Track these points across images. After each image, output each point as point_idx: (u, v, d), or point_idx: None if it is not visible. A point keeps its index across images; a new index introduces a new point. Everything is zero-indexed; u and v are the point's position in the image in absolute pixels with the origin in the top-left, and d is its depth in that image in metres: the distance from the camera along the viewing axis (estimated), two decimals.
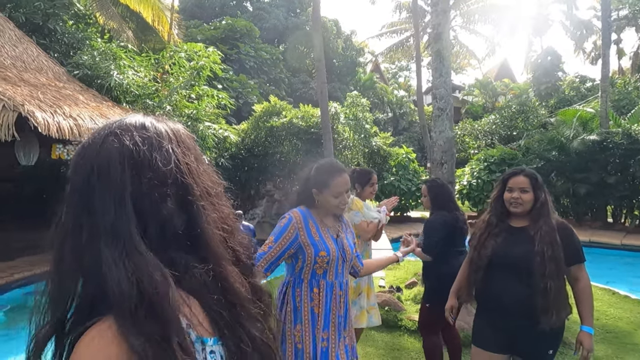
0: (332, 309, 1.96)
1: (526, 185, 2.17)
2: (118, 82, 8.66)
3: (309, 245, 1.93)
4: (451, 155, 4.83)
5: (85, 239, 0.62)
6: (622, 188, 10.29)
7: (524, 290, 2.07)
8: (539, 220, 2.12)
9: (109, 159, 0.64)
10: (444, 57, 4.69)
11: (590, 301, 2.18)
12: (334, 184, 1.94)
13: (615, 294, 5.40)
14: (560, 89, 23.43)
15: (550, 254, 2.03)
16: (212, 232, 0.71)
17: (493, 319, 2.24)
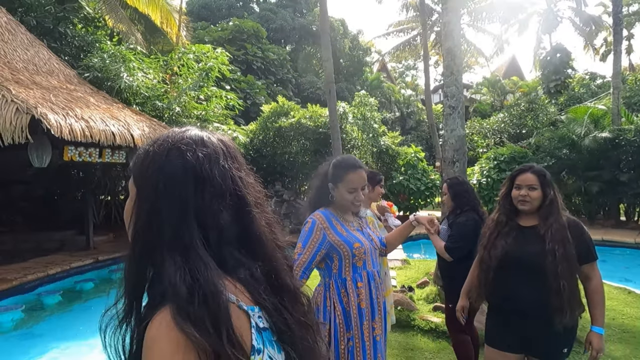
0: (377, 297, 2.01)
1: (534, 182, 2.14)
2: (128, 84, 8.73)
3: (341, 243, 1.95)
4: (463, 154, 4.80)
5: (152, 239, 0.71)
6: (635, 186, 10.14)
7: (536, 290, 2.04)
8: (548, 219, 2.09)
9: (174, 173, 0.74)
10: (455, 55, 4.66)
11: (602, 301, 2.14)
12: (349, 179, 1.95)
13: (631, 292, 5.32)
14: (570, 86, 23.17)
15: (562, 252, 2.00)
16: (265, 236, 0.81)
17: (505, 319, 2.23)
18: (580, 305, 2.09)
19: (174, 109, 9.23)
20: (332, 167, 2.01)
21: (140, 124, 7.50)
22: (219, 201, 0.75)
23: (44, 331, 5.31)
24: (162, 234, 0.71)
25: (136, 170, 0.79)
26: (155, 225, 0.72)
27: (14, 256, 7.18)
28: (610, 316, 4.56)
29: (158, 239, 0.71)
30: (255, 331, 0.72)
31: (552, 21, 25.38)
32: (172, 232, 0.71)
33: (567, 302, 1.99)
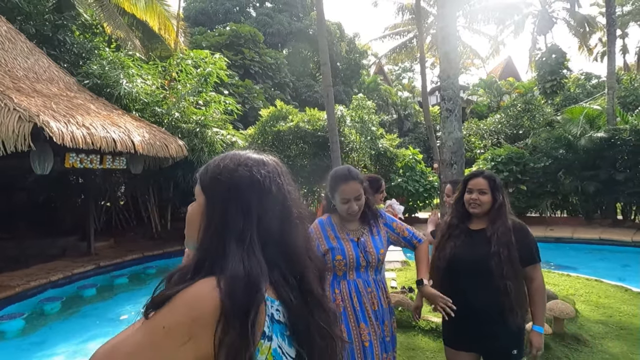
0: (364, 303, 2.07)
1: (485, 186, 2.21)
2: (127, 91, 8.78)
3: (327, 251, 2.09)
4: (460, 156, 4.87)
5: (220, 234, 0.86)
6: (631, 185, 10.23)
7: (482, 291, 2.10)
8: (496, 222, 2.16)
9: (241, 183, 0.90)
10: (451, 59, 4.74)
11: (543, 301, 2.21)
12: (340, 190, 2.05)
13: (627, 290, 5.39)
14: (566, 86, 23.32)
15: (507, 255, 2.07)
16: (302, 245, 0.94)
17: (457, 319, 2.30)
18: (527, 307, 2.15)
19: (173, 114, 9.29)
20: (329, 177, 2.13)
21: (141, 130, 7.56)
22: (274, 210, 0.90)
23: (46, 338, 5.34)
24: (230, 231, 0.85)
25: (206, 179, 0.94)
26: (225, 223, 0.87)
27: (17, 263, 7.21)
28: (607, 314, 4.64)
29: (225, 234, 0.85)
30: (269, 320, 0.82)
31: (547, 22, 25.59)
32: (238, 231, 0.85)
33: (516, 302, 2.05)
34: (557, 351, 3.65)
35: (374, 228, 2.20)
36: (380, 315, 2.10)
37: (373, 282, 2.13)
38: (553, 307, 3.91)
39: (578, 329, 4.15)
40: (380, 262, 2.17)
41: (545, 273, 6.38)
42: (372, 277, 2.13)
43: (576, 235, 10.22)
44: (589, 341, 3.88)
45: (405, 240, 2.28)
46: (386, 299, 2.17)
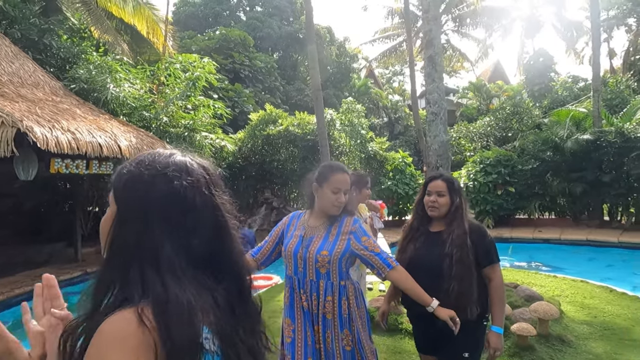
0: (295, 301, 2.10)
1: (443, 189, 2.25)
2: (114, 95, 8.72)
3: (283, 240, 2.20)
4: (446, 159, 4.90)
5: (131, 253, 0.76)
6: (617, 186, 10.37)
7: (438, 294, 2.07)
8: (452, 224, 2.19)
9: (160, 199, 0.79)
10: (436, 63, 4.78)
11: (502, 302, 2.21)
12: (334, 179, 2.05)
13: (612, 291, 5.45)
14: (553, 89, 23.61)
15: (459, 256, 2.09)
16: (238, 259, 0.87)
17: (415, 321, 2.34)
18: (470, 308, 2.09)
19: (162, 119, 9.24)
20: (319, 168, 2.16)
21: (128, 135, 7.50)
22: (198, 226, 0.80)
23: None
24: (143, 250, 0.75)
25: (119, 188, 0.82)
26: (137, 242, 0.76)
27: (2, 270, 7.10)
28: (592, 314, 4.69)
29: (137, 254, 0.75)
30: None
31: (535, 26, 25.95)
32: (153, 251, 0.75)
33: (454, 302, 2.03)
34: (541, 352, 3.67)
35: (334, 229, 2.12)
36: (313, 319, 2.05)
37: (309, 284, 2.07)
38: (537, 308, 3.94)
39: (563, 329, 4.18)
40: (321, 264, 2.05)
41: (532, 274, 6.46)
42: (310, 279, 2.07)
43: (564, 236, 10.33)
44: (573, 342, 3.91)
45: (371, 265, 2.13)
46: (331, 306, 2.05)
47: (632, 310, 4.69)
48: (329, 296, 2.06)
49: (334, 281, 2.07)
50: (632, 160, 9.81)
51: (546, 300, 4.52)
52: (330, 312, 2.06)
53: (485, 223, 11.67)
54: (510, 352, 3.66)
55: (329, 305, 2.06)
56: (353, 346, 2.08)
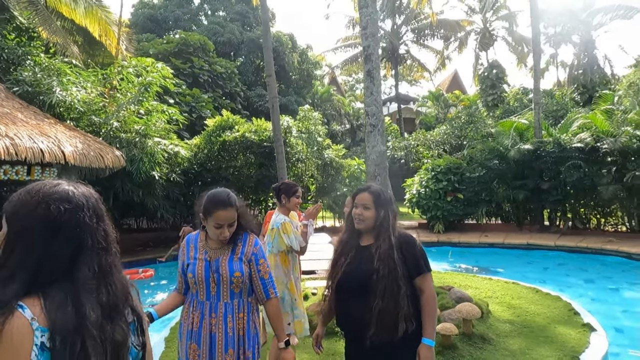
0: (203, 327, 2.08)
1: (368, 201, 2.18)
2: (61, 99, 8.49)
3: (186, 267, 2.17)
4: (384, 168, 5.13)
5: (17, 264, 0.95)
6: (555, 193, 11.07)
7: (362, 310, 2.03)
8: (379, 238, 2.14)
9: (34, 224, 0.96)
10: (374, 77, 5.01)
11: (432, 314, 2.12)
12: (216, 215, 2.04)
13: (538, 292, 5.85)
14: (505, 100, 24.83)
15: (386, 271, 2.03)
16: (116, 277, 1.05)
17: (347, 340, 2.25)
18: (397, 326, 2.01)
19: (112, 124, 9.07)
20: (205, 199, 2.11)
21: (74, 140, 7.33)
22: (69, 244, 0.98)
23: None
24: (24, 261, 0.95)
25: (9, 211, 1.00)
26: (20, 254, 0.95)
27: None
28: (516, 314, 5.03)
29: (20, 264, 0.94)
30: (38, 348, 0.90)
31: (488, 40, 27.18)
32: (30, 262, 0.95)
33: (377, 320, 1.98)
34: (462, 350, 3.93)
35: (238, 249, 2.15)
36: (218, 342, 2.08)
37: (223, 307, 2.09)
38: (461, 309, 4.21)
39: (487, 328, 4.47)
40: (236, 285, 2.09)
41: (470, 277, 6.81)
42: (224, 302, 2.10)
43: (507, 240, 10.91)
44: (494, 340, 4.20)
45: (252, 291, 2.19)
46: (241, 326, 2.10)
47: (551, 309, 5.08)
48: (241, 313, 2.12)
49: (244, 299, 2.15)
50: (568, 169, 10.51)
51: (476, 302, 4.82)
52: (242, 328, 2.11)
53: (436, 228, 12.15)
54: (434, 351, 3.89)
55: (241, 322, 2.11)
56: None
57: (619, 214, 11.27)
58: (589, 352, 3.87)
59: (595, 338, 4.16)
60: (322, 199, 12.83)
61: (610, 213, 11.38)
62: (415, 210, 12.91)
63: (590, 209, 11.49)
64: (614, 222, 11.46)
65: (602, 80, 23.08)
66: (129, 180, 9.20)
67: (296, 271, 3.53)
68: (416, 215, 13.71)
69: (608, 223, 11.47)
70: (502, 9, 26.88)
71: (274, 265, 3.47)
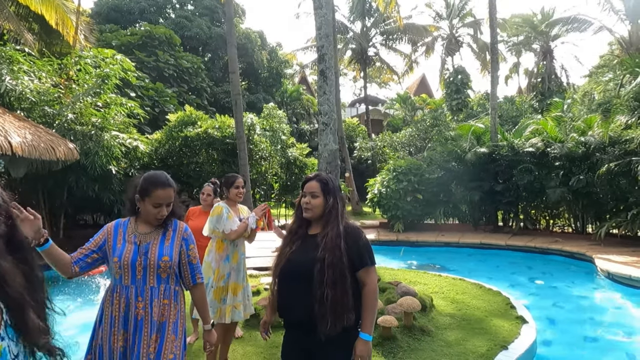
0: (129, 311, 2.07)
1: (316, 189, 2.16)
2: (10, 88, 8.17)
3: (110, 252, 2.13)
4: (335, 167, 5.25)
5: None
6: (508, 195, 11.57)
7: (305, 299, 2.01)
8: (326, 227, 2.12)
9: None
10: (327, 77, 5.12)
11: (373, 308, 2.09)
12: (155, 195, 2.07)
13: (482, 287, 6.13)
14: (469, 104, 25.64)
15: (331, 260, 2.00)
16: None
17: (287, 331, 2.23)
18: (348, 317, 2.01)
19: (66, 115, 8.80)
20: (142, 180, 2.13)
21: (23, 131, 7.09)
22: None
23: None
24: None
25: None
26: None
27: None
28: (458, 308, 5.27)
29: None
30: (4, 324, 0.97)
31: (454, 45, 27.98)
32: None
33: (331, 311, 1.96)
34: (402, 342, 4.10)
35: (168, 234, 2.18)
36: (145, 326, 2.07)
37: (149, 291, 2.09)
38: (402, 302, 4.39)
39: (428, 321, 4.67)
40: (163, 269, 2.10)
41: (421, 274, 7.05)
42: (150, 285, 2.09)
43: (462, 240, 11.30)
44: (433, 332, 4.40)
45: (180, 276, 2.21)
46: (164, 312, 2.10)
47: (490, 304, 5.35)
48: (165, 299, 2.11)
49: (171, 286, 2.15)
50: (520, 172, 11.01)
51: (420, 296, 5.02)
52: (166, 316, 2.11)
53: (396, 227, 12.44)
54: (374, 342, 4.03)
55: (166, 309, 2.10)
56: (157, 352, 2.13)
57: (566, 215, 11.90)
58: (517, 341, 4.12)
59: (526, 329, 4.43)
60: (285, 197, 12.89)
61: (558, 215, 12.00)
62: (377, 210, 13.16)
63: (540, 210, 12.07)
64: (561, 223, 12.09)
65: (559, 89, 24.26)
66: (83, 174, 8.96)
67: (235, 260, 3.56)
68: (378, 215, 13.97)
69: (556, 224, 12.09)
70: (468, 17, 27.76)
71: (208, 250, 3.54)
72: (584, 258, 8.93)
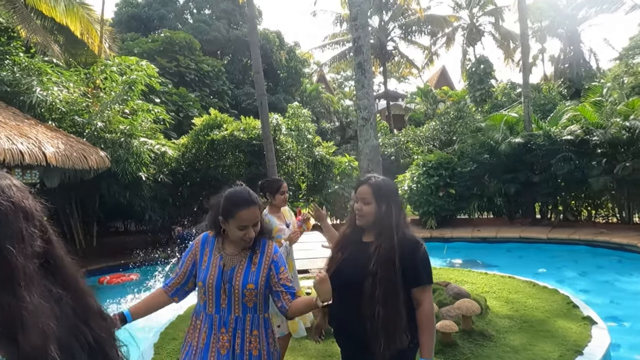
0: (211, 343, 1.87)
1: (368, 195, 1.99)
2: (41, 99, 8.21)
3: (197, 273, 1.96)
4: (377, 163, 5.01)
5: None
6: (546, 186, 11.08)
7: (355, 316, 1.88)
8: (380, 237, 1.94)
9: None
10: (365, 70, 4.88)
11: (430, 330, 1.94)
12: (239, 217, 1.86)
13: (535, 285, 5.78)
14: (493, 95, 24.92)
15: (383, 275, 1.85)
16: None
17: (343, 346, 2.09)
18: (402, 337, 1.85)
19: (96, 124, 8.81)
20: (223, 200, 1.91)
21: (55, 141, 7.09)
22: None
23: None
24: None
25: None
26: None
27: None
28: (514, 308, 4.95)
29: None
30: None
31: (475, 35, 27.27)
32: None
33: (383, 330, 1.81)
34: (463, 348, 3.82)
35: (255, 257, 1.96)
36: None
37: (234, 321, 1.88)
38: (460, 305, 4.10)
39: (486, 324, 4.38)
40: (248, 298, 1.89)
41: (465, 272, 6.73)
42: (235, 315, 1.89)
43: (499, 234, 10.88)
44: (494, 336, 4.11)
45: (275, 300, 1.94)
46: (257, 341, 1.90)
47: (549, 303, 5.00)
48: (255, 330, 1.90)
49: (259, 315, 1.94)
50: (558, 162, 10.51)
51: (473, 297, 4.73)
52: (255, 347, 1.89)
53: (429, 224, 12.10)
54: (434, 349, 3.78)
55: (255, 341, 1.90)
56: None
57: (610, 205, 11.32)
58: (592, 345, 3.79)
59: (597, 331, 4.09)
60: (313, 196, 12.70)
61: (601, 205, 11.42)
62: (408, 207, 12.83)
63: (581, 201, 11.53)
64: (605, 213, 11.51)
65: (588, 74, 23.32)
66: (114, 181, 8.96)
67: (291, 269, 3.41)
68: (408, 212, 13.63)
69: (599, 215, 11.52)
70: (489, 5, 26.98)
71: None
72: (636, 250, 8.42)
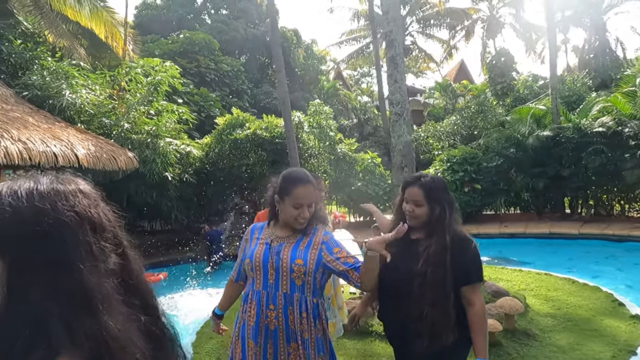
0: (260, 320, 1.86)
1: (420, 197, 1.96)
2: (71, 102, 8.35)
3: (246, 254, 2.00)
4: (411, 159, 4.92)
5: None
6: (576, 180, 10.77)
7: (402, 314, 1.89)
8: (431, 237, 1.93)
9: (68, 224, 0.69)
10: (398, 64, 4.79)
11: (483, 329, 1.91)
12: (295, 193, 1.85)
13: (574, 282, 5.62)
14: (515, 88, 24.37)
15: (433, 277, 1.83)
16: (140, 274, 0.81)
17: (392, 342, 2.13)
18: (448, 334, 1.85)
19: (122, 125, 8.92)
20: (281, 178, 1.93)
21: (86, 143, 7.19)
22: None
23: None
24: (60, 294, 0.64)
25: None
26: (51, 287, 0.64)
27: None
28: (556, 307, 4.80)
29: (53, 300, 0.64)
30: None
31: (495, 27, 26.73)
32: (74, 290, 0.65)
33: (429, 330, 1.82)
34: (508, 347, 3.72)
35: (305, 239, 1.93)
36: (280, 335, 1.85)
37: (283, 297, 1.84)
38: (503, 304, 4.00)
39: (528, 323, 4.26)
40: (297, 274, 1.85)
41: (499, 270, 6.58)
42: (283, 292, 1.85)
43: (528, 230, 10.64)
44: (539, 335, 3.99)
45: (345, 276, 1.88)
46: (307, 325, 1.85)
47: (592, 301, 4.84)
48: (304, 312, 1.85)
49: (307, 296, 1.87)
50: (589, 155, 10.21)
51: (512, 295, 4.60)
52: (307, 331, 1.84)
53: None
54: None
55: (305, 323, 1.85)
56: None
57: None
58: None
59: None
60: (336, 194, 12.64)
61: (635, 198, 11.05)
62: None
63: (613, 194, 11.18)
64: (639, 207, 11.13)
65: (615, 64, 22.59)
66: (142, 182, 9.07)
67: None
68: None
69: (632, 209, 11.15)
70: None
71: None
72: None
